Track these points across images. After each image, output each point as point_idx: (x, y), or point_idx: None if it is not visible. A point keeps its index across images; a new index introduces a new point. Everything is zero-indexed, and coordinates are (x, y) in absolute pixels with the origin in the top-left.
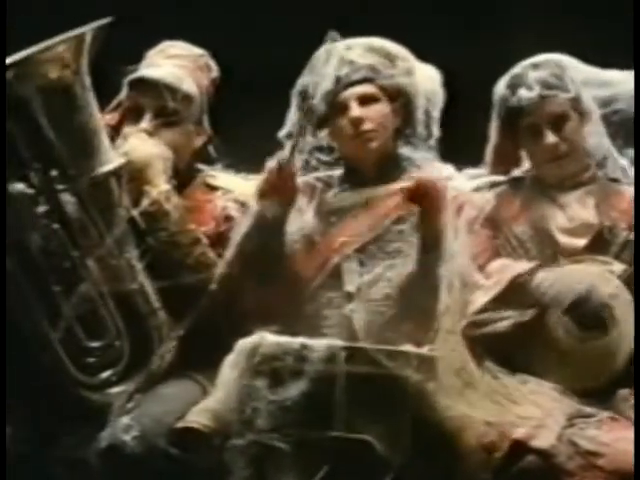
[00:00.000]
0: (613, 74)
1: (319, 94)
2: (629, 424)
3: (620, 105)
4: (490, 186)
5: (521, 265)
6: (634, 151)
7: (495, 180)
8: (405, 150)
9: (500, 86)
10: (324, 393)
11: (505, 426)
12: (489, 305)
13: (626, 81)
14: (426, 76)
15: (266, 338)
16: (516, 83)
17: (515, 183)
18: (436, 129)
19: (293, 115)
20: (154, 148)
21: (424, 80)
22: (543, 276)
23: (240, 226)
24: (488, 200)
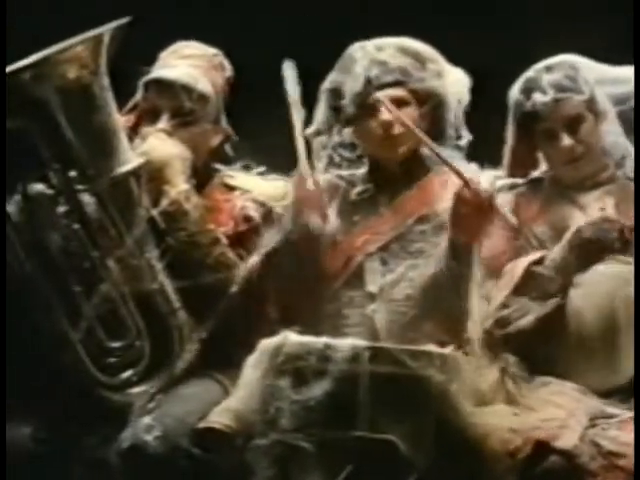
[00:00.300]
0: (627, 71)
1: (349, 94)
2: None
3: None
4: (509, 187)
5: (531, 256)
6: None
7: (514, 182)
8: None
9: (514, 90)
10: (348, 393)
11: (529, 431)
12: (508, 300)
13: None
14: (455, 79)
15: (290, 338)
16: (530, 87)
17: (534, 184)
18: (465, 132)
19: (321, 113)
20: (173, 148)
21: (454, 83)
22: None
23: (269, 238)
24: (508, 201)
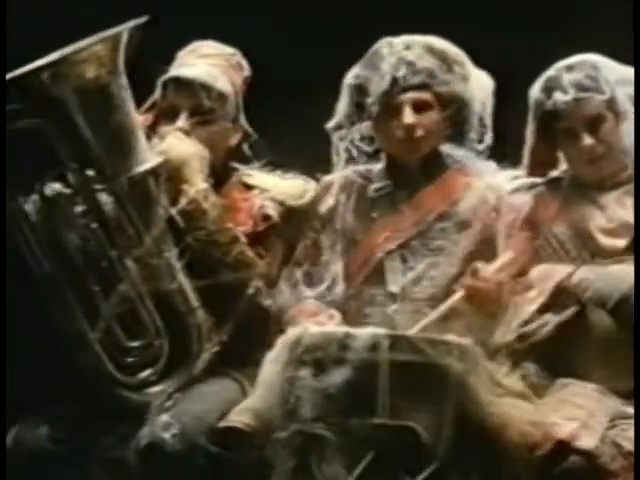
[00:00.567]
0: None
1: (374, 93)
2: None
3: None
4: (528, 187)
5: (561, 270)
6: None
7: (533, 181)
8: (448, 147)
9: (535, 89)
10: (367, 381)
11: (548, 426)
12: (533, 316)
13: None
14: (480, 83)
15: (309, 329)
16: (551, 86)
17: (553, 184)
18: (488, 137)
19: (343, 107)
20: (191, 147)
21: (478, 87)
22: (582, 275)
23: None
24: (526, 201)
